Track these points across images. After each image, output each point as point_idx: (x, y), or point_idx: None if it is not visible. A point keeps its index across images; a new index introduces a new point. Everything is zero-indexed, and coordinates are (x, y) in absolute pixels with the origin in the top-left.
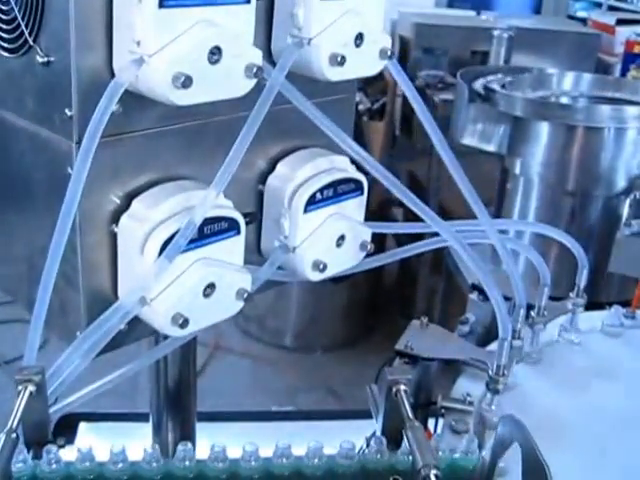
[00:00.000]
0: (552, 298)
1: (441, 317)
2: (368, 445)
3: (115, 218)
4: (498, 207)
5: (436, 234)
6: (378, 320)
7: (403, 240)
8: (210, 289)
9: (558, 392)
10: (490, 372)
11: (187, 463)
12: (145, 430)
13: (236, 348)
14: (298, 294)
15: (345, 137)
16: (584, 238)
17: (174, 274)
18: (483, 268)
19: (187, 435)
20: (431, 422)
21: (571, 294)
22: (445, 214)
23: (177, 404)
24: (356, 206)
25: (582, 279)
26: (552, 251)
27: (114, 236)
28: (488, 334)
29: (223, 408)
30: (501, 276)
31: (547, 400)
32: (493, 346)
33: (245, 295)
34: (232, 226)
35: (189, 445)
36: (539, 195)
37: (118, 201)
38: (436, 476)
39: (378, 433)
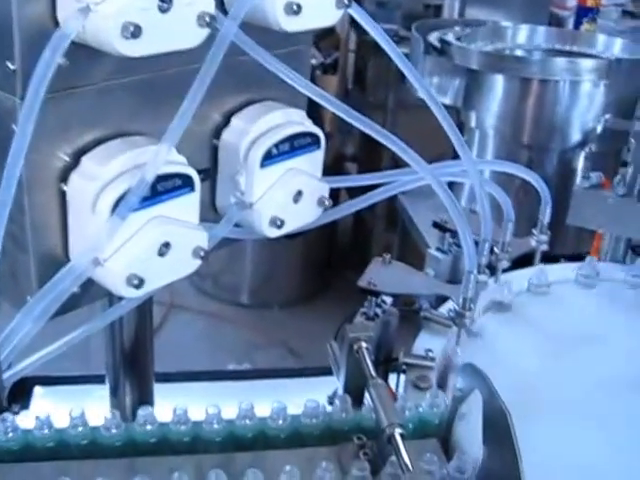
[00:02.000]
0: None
1: None
2: (331, 403)
3: (64, 176)
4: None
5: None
6: (333, 276)
7: (356, 195)
8: (165, 248)
9: (528, 343)
10: (456, 307)
11: (149, 427)
12: (102, 392)
13: (192, 306)
14: (253, 251)
15: (307, 82)
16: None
17: (128, 233)
18: (457, 205)
19: (145, 397)
20: (392, 377)
21: (534, 230)
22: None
23: (134, 365)
24: (313, 161)
25: (546, 215)
26: (510, 193)
27: (63, 195)
28: None
29: (180, 367)
30: None
31: (516, 351)
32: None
33: (202, 253)
34: (186, 183)
35: (150, 409)
36: (495, 148)
37: (67, 159)
38: (401, 435)
39: (340, 391)
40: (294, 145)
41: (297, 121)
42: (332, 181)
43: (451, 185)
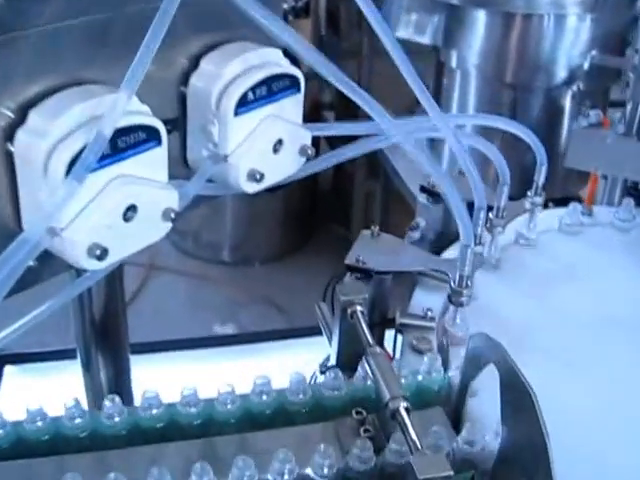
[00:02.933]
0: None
1: (381, 223)
2: (323, 372)
3: (9, 134)
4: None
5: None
6: (315, 229)
7: (336, 145)
8: (131, 212)
9: (520, 298)
10: (452, 284)
11: (154, 411)
12: (76, 367)
13: (172, 266)
14: (233, 206)
15: (281, 22)
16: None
17: (86, 197)
18: (439, 169)
19: (121, 370)
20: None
21: (529, 192)
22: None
23: (106, 337)
24: (293, 105)
25: (541, 176)
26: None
27: (10, 156)
28: (439, 240)
29: (163, 330)
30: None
31: (509, 308)
32: (449, 253)
33: (172, 215)
34: (151, 136)
35: (154, 393)
36: (477, 89)
37: (11, 114)
38: (406, 409)
39: (333, 359)
40: (272, 89)
41: (274, 62)
42: (315, 128)
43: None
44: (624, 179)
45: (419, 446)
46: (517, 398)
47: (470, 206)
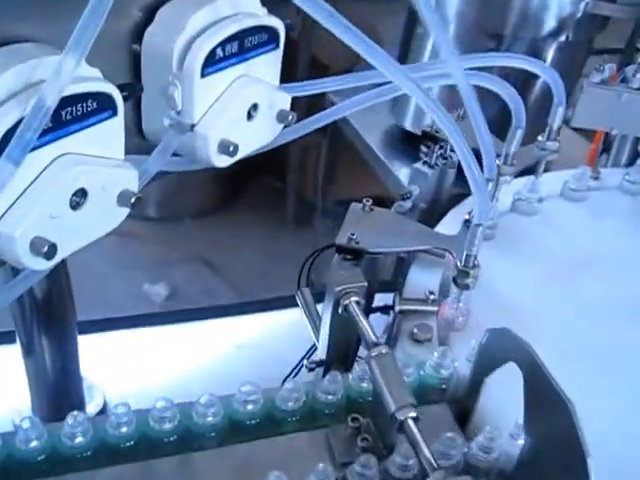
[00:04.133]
0: None
1: (325, 177)
2: (311, 369)
3: None
4: (404, 56)
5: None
6: (247, 182)
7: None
8: (80, 197)
9: (519, 274)
10: (458, 264)
11: (124, 430)
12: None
13: None
14: None
15: None
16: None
17: (25, 182)
18: (451, 121)
19: (68, 353)
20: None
21: (540, 137)
22: (321, 70)
23: (50, 318)
24: (270, 64)
25: (557, 118)
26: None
27: None
28: (431, 210)
29: (89, 290)
30: None
31: (508, 285)
32: (441, 228)
33: (132, 199)
34: (105, 105)
35: (125, 408)
36: (456, 39)
37: None
38: (414, 419)
39: (322, 356)
40: (245, 44)
41: (248, 11)
42: (295, 89)
43: None
44: (634, 140)
45: (434, 464)
46: (548, 406)
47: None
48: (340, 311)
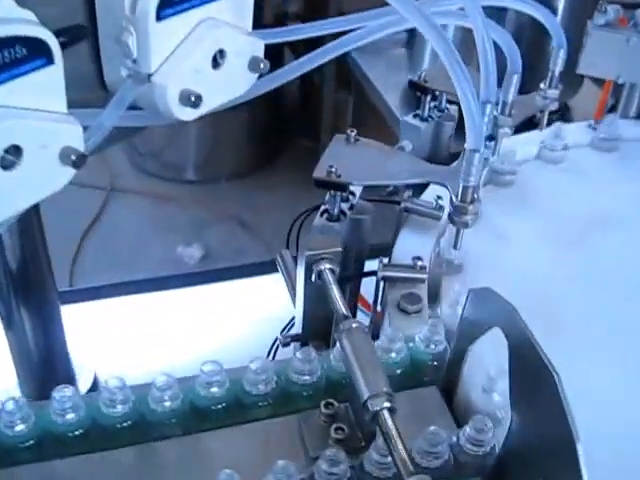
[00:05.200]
0: None
1: None
2: (286, 344)
3: None
4: None
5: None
6: (282, 143)
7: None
8: (13, 156)
9: (536, 233)
10: (454, 199)
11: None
12: None
13: (134, 188)
14: (196, 123)
15: None
16: (517, 31)
17: None
18: (455, 54)
19: (51, 325)
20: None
21: (542, 84)
22: None
23: (28, 289)
24: (240, 6)
25: (558, 62)
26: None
27: None
28: None
29: (126, 255)
30: None
31: (522, 245)
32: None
33: (75, 157)
34: (37, 51)
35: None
36: None
37: None
38: (390, 410)
39: (297, 326)
40: None
41: None
42: (270, 35)
43: None
44: None
45: (410, 467)
46: (533, 378)
47: None
48: (313, 279)
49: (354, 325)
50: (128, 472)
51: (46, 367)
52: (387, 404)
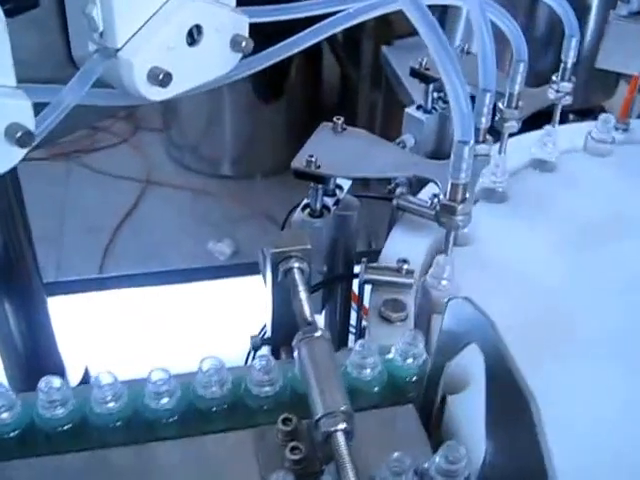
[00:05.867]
0: None
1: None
2: (256, 348)
3: None
4: None
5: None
6: None
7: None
8: None
9: (530, 245)
10: (442, 197)
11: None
12: None
13: (170, 181)
14: (232, 118)
15: None
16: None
17: None
18: (437, 31)
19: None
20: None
21: (554, 77)
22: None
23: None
24: None
25: (570, 53)
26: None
27: None
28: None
29: (160, 247)
30: None
31: (516, 258)
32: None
33: (21, 135)
34: None
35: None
36: None
37: None
38: (346, 432)
39: (269, 331)
40: None
41: None
42: (256, 12)
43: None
44: None
45: None
46: (508, 403)
47: None
48: (279, 279)
49: (316, 334)
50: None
51: (32, 360)
52: (342, 425)
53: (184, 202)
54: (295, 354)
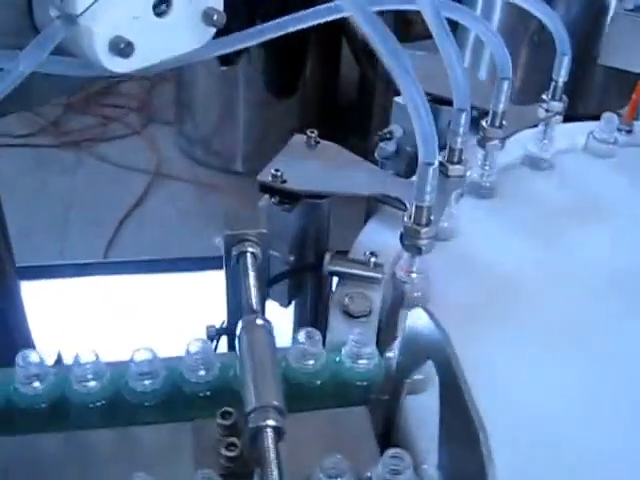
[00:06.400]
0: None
1: None
2: (212, 338)
3: None
4: None
5: None
6: (332, 138)
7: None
8: None
9: (518, 243)
10: (406, 219)
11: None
12: None
13: (179, 175)
14: (246, 112)
15: None
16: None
17: None
18: (394, 42)
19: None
20: None
21: (544, 95)
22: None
23: None
24: None
25: (562, 72)
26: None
27: None
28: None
29: (167, 241)
30: None
31: (501, 255)
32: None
33: None
34: None
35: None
36: None
37: None
38: (275, 430)
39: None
40: None
41: None
42: None
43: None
44: None
45: None
46: (460, 431)
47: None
48: (232, 263)
49: (258, 322)
50: None
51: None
52: (272, 422)
53: (193, 196)
54: (236, 343)
